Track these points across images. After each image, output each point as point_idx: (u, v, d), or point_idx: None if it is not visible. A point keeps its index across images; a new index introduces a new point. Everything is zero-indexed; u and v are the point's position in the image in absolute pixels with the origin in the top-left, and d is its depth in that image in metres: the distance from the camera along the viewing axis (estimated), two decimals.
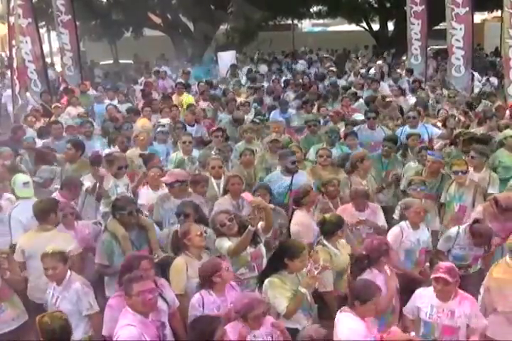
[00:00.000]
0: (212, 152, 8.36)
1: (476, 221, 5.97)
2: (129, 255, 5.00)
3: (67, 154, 8.22)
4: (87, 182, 7.13)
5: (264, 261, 5.52)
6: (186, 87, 14.39)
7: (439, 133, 9.49)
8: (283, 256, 4.97)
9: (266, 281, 4.94)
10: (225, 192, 6.87)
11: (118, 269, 5.20)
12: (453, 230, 6.12)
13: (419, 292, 5.00)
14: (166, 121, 10.30)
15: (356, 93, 13.20)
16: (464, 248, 6.01)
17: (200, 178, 7.02)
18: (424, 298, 4.88)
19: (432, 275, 4.81)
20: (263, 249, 5.61)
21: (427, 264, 6.29)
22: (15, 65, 14.36)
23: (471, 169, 7.47)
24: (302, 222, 6.16)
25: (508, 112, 10.76)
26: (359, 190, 6.66)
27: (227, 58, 19.20)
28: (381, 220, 6.64)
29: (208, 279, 4.77)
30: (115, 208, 5.77)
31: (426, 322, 4.83)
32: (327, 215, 5.81)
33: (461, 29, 13.97)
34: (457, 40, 14.13)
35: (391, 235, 6.02)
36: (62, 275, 4.98)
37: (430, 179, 7.37)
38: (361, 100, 12.44)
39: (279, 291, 4.85)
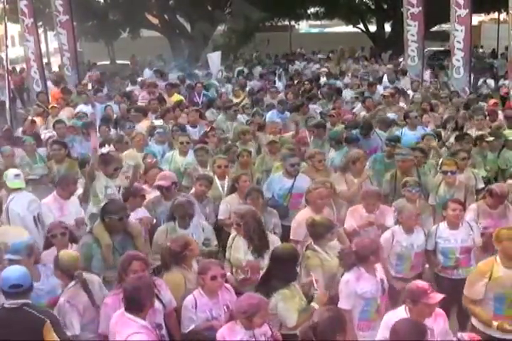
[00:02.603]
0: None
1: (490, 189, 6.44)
2: (125, 254, 4.94)
3: (57, 155, 8.21)
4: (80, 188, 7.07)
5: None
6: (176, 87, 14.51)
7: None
8: (295, 265, 4.96)
9: (276, 294, 4.81)
10: (232, 190, 6.87)
11: (95, 274, 5.16)
12: (433, 226, 6.22)
13: (389, 317, 4.59)
14: (159, 122, 10.28)
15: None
16: (448, 239, 6.01)
17: (203, 176, 7.01)
18: None
19: (428, 302, 4.41)
20: (265, 262, 5.46)
21: (426, 266, 6.27)
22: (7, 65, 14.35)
23: None
24: (298, 220, 6.16)
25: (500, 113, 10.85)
26: (370, 190, 6.61)
27: (216, 59, 19.31)
28: (390, 221, 6.52)
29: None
30: (105, 211, 5.59)
31: None
32: (317, 217, 5.71)
33: (461, 30, 14.00)
34: (458, 41, 14.15)
35: (382, 239, 6.00)
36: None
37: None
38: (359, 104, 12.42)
39: (291, 304, 4.78)
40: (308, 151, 8.13)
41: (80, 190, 7.02)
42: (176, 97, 13.51)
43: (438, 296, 4.41)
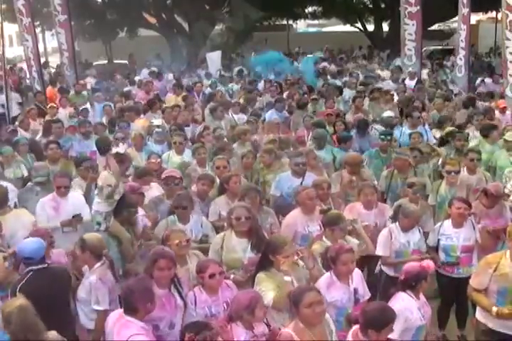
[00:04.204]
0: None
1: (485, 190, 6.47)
2: (153, 251, 4.91)
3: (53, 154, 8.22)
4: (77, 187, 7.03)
5: None
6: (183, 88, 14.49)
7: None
8: (267, 252, 4.96)
9: (255, 278, 4.92)
10: (221, 191, 6.83)
11: None
12: (437, 224, 6.28)
13: (401, 307, 4.65)
14: (158, 121, 10.31)
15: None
16: (451, 237, 6.07)
17: (205, 176, 7.00)
18: (410, 308, 4.65)
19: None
20: None
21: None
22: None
23: (464, 171, 7.50)
24: (286, 221, 6.21)
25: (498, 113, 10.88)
26: (366, 185, 6.60)
27: (215, 58, 19.31)
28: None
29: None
30: (125, 204, 5.71)
31: (419, 326, 4.71)
32: (333, 210, 5.92)
33: (464, 29, 14.03)
34: (461, 40, 14.16)
35: (380, 237, 6.07)
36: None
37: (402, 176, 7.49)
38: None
39: (264, 285, 4.80)
40: (304, 149, 8.14)
41: (79, 191, 6.99)
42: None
43: (429, 263, 4.82)
